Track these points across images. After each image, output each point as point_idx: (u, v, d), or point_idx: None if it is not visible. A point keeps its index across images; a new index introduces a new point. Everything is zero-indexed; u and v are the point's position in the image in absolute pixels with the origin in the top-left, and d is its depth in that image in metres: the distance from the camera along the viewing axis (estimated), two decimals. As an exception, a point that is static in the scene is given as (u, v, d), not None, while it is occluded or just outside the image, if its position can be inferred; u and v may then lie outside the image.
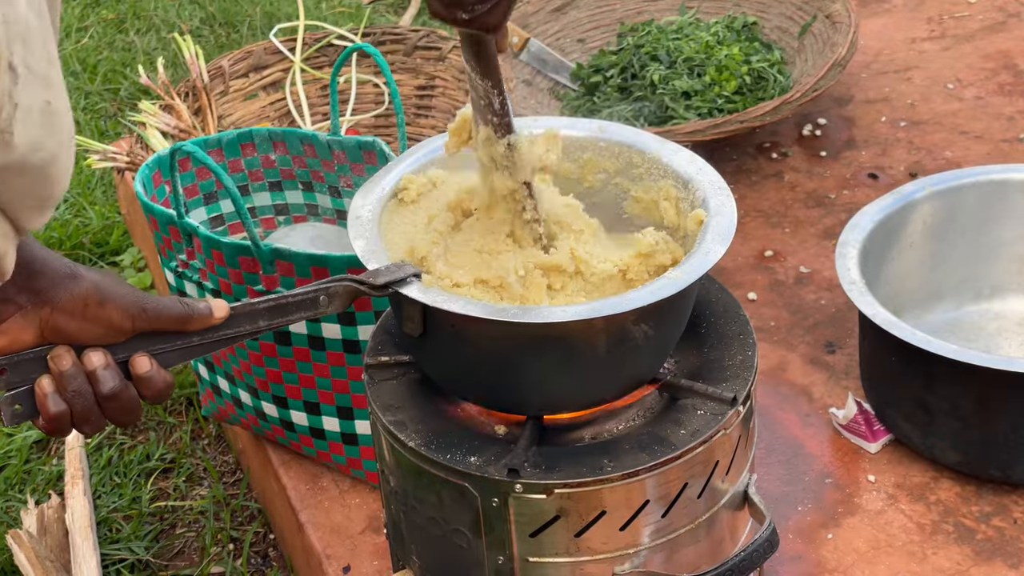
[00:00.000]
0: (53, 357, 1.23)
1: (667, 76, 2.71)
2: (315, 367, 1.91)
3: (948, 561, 1.80)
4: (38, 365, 1.24)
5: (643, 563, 1.44)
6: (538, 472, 1.40)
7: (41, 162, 1.02)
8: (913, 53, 3.07)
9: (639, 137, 1.62)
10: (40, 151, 1.01)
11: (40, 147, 1.01)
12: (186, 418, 2.66)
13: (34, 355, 1.24)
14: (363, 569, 1.91)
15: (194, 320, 1.30)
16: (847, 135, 2.77)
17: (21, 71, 0.97)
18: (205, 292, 1.96)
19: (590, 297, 1.48)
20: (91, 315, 1.24)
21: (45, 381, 1.23)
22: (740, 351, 1.55)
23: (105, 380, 1.23)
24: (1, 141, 0.98)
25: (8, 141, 0.98)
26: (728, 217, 1.46)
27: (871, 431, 1.98)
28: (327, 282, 1.41)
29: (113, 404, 1.24)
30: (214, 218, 2.15)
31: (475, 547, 1.45)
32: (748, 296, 2.32)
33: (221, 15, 4.29)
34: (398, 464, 1.51)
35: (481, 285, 1.48)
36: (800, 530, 1.86)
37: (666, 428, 1.45)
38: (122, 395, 1.24)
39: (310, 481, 2.07)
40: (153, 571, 2.33)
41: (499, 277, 1.47)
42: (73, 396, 1.23)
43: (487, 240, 1.50)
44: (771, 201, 2.59)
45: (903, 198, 2.11)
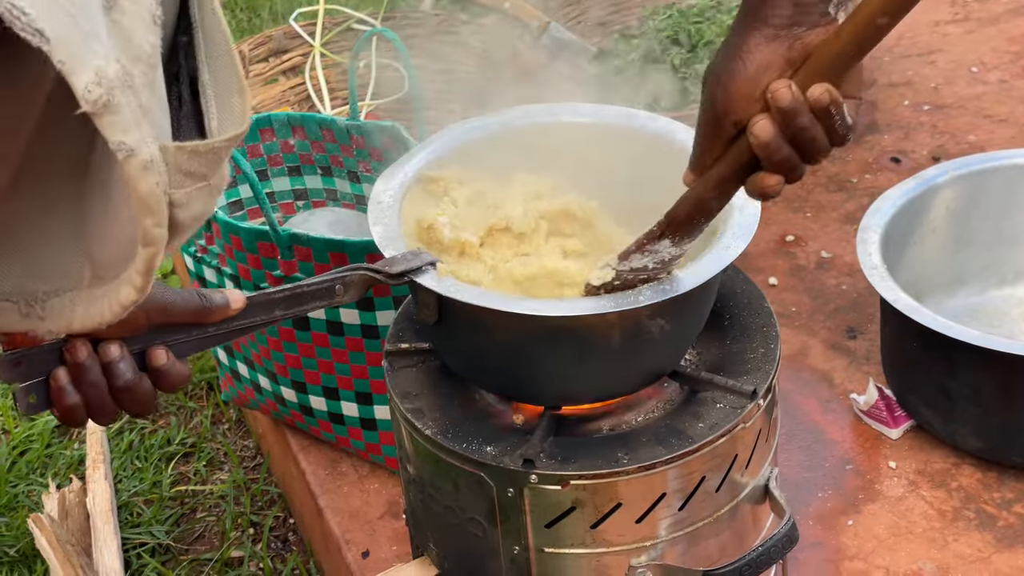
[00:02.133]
0: (69, 349, 1.23)
1: (688, 60, 2.69)
2: (333, 352, 1.91)
3: (969, 548, 1.79)
4: (54, 356, 1.24)
5: (660, 556, 1.43)
6: (554, 463, 1.39)
7: (212, 211, 1.01)
8: (937, 36, 3.04)
9: (668, 126, 1.61)
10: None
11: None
12: (206, 403, 2.67)
13: (50, 347, 1.24)
14: (382, 554, 1.91)
15: (212, 313, 1.30)
16: (869, 119, 2.75)
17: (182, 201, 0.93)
18: (224, 277, 1.96)
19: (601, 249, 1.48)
20: None
21: (60, 373, 1.23)
22: (763, 343, 1.53)
23: (121, 373, 1.23)
24: (219, 188, 0.96)
25: (220, 190, 0.97)
26: (751, 213, 1.45)
27: (892, 417, 1.97)
28: (343, 271, 1.40)
29: (127, 396, 1.24)
30: (233, 203, 2.15)
31: (491, 536, 1.45)
32: (769, 281, 2.31)
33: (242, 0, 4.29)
34: (416, 451, 1.50)
35: (490, 239, 1.48)
36: (820, 516, 1.85)
37: (684, 421, 1.44)
38: (136, 388, 1.24)
39: (329, 466, 2.07)
40: (173, 555, 2.33)
41: (505, 218, 1.47)
42: (88, 388, 1.23)
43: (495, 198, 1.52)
44: (792, 185, 2.56)
45: (926, 182, 2.09)
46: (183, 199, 0.91)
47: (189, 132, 0.98)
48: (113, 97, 0.82)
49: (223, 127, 0.97)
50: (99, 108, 0.81)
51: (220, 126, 0.97)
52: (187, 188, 0.91)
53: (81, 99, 0.80)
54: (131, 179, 0.85)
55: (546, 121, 1.64)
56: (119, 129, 0.83)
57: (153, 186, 0.86)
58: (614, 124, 1.63)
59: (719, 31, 2.74)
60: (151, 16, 0.88)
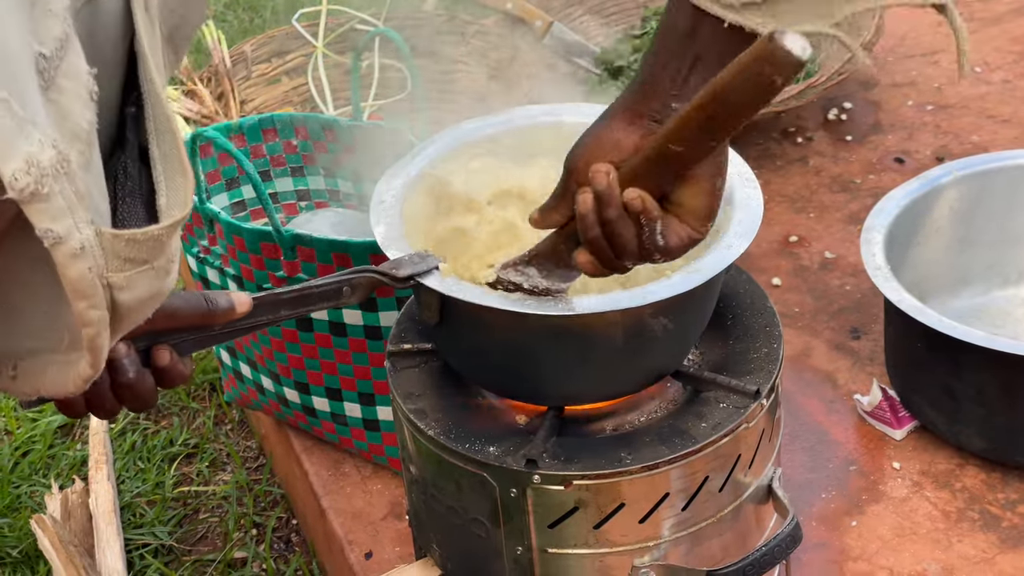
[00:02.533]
0: None
1: (691, 60, 2.69)
2: (337, 353, 1.91)
3: (973, 548, 1.78)
4: None
5: (663, 556, 1.43)
6: (557, 463, 1.39)
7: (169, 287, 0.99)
8: (940, 36, 3.04)
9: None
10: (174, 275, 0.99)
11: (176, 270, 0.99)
12: (209, 403, 2.67)
13: None
14: (384, 555, 1.91)
15: (217, 317, 1.30)
16: (873, 119, 2.75)
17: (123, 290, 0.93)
18: (227, 278, 1.96)
19: None
20: None
21: None
22: (766, 343, 1.53)
23: (123, 370, 1.23)
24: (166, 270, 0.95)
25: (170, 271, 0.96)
26: (753, 212, 1.44)
27: (896, 418, 1.96)
28: (350, 273, 1.40)
29: (128, 392, 1.24)
30: (236, 204, 2.14)
31: (494, 537, 1.44)
32: (772, 281, 2.31)
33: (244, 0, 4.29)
34: (418, 452, 1.50)
35: (499, 200, 1.48)
36: (824, 517, 1.85)
37: (687, 421, 1.43)
38: (138, 385, 1.24)
39: (332, 467, 2.07)
40: (176, 556, 2.33)
41: (519, 183, 1.47)
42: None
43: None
44: (796, 186, 2.57)
45: (929, 183, 2.09)
46: (123, 282, 0.91)
47: (133, 208, 0.98)
48: (43, 185, 0.81)
49: (170, 206, 0.96)
50: (26, 196, 0.81)
51: (168, 204, 0.97)
52: (127, 272, 0.91)
53: (8, 187, 0.80)
54: (60, 265, 0.85)
55: (548, 121, 1.64)
56: (47, 216, 0.83)
57: (84, 271, 0.86)
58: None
59: (722, 31, 2.73)
60: (88, 93, 0.88)
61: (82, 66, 0.89)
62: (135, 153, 0.99)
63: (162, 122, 0.98)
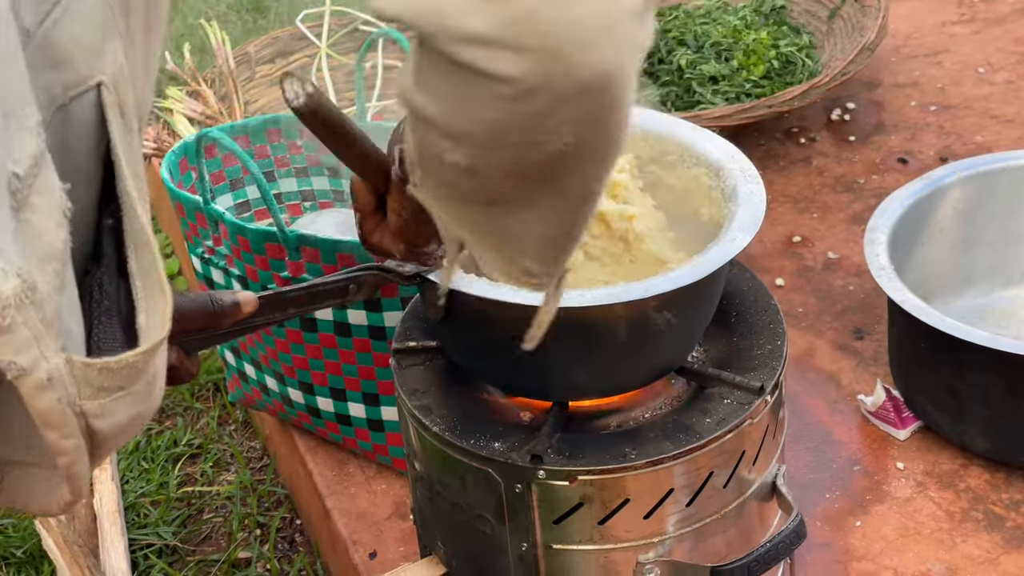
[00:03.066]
0: None
1: (694, 60, 2.69)
2: (341, 353, 1.91)
3: (977, 549, 1.78)
4: None
5: (668, 551, 1.43)
6: (561, 459, 1.39)
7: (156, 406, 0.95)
8: (943, 37, 3.04)
9: (672, 125, 1.61)
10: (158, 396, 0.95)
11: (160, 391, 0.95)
12: (213, 404, 2.67)
13: None
14: (389, 555, 1.91)
15: (223, 317, 1.30)
16: (876, 119, 2.75)
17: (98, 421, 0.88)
18: (231, 278, 1.96)
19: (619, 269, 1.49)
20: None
21: None
22: (770, 340, 1.53)
23: None
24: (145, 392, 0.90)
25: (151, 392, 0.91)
26: (756, 206, 1.45)
27: (900, 418, 1.96)
28: (355, 271, 1.41)
29: None
30: (240, 204, 2.15)
31: (498, 533, 1.45)
32: (776, 282, 2.31)
33: (248, 1, 4.30)
34: (423, 449, 1.50)
35: None
36: (828, 517, 1.85)
37: (692, 417, 1.44)
38: None
39: (336, 467, 2.07)
40: (181, 556, 2.33)
41: None
42: None
43: None
44: (799, 186, 2.57)
45: (933, 183, 2.09)
46: (98, 410, 0.86)
47: (109, 328, 0.93)
48: (5, 318, 0.78)
49: (149, 327, 0.91)
50: None
51: (147, 324, 0.91)
52: (102, 400, 0.86)
53: None
54: (26, 396, 0.81)
55: None
56: (10, 349, 0.79)
57: (53, 402, 0.82)
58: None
59: (725, 32, 2.74)
60: (62, 211, 0.84)
61: (55, 182, 0.84)
62: (112, 267, 0.94)
63: (139, 236, 0.92)
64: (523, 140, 0.89)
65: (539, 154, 0.91)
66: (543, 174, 0.93)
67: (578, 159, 0.92)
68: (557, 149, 0.90)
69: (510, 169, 0.93)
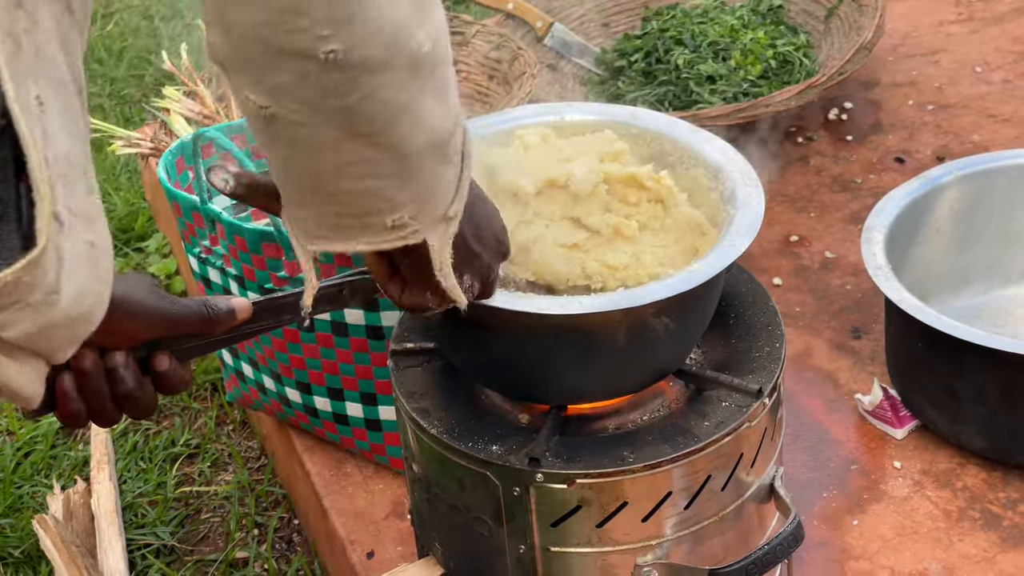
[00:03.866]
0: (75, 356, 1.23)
1: (692, 60, 2.69)
2: (338, 353, 1.91)
3: (974, 548, 1.78)
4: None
5: (666, 554, 1.44)
6: (559, 462, 1.39)
7: (86, 308, 0.97)
8: (940, 36, 3.04)
9: (671, 125, 1.61)
10: (86, 297, 0.96)
11: (85, 294, 0.96)
12: (211, 404, 2.67)
13: None
14: (386, 555, 1.91)
15: (217, 323, 1.29)
16: (873, 119, 2.75)
17: (65, 218, 0.91)
18: (228, 278, 1.96)
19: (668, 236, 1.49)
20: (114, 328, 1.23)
21: (66, 379, 1.22)
22: (768, 342, 1.53)
23: (124, 380, 1.23)
24: (47, 302, 0.92)
25: (55, 301, 0.92)
26: (755, 210, 1.45)
27: (897, 417, 1.97)
28: (350, 275, 1.40)
29: (128, 402, 1.24)
30: (237, 204, 2.14)
31: (496, 536, 1.45)
32: (773, 281, 2.31)
33: (246, 0, 4.29)
34: (421, 451, 1.50)
35: (547, 192, 1.48)
36: (825, 516, 1.85)
37: (690, 420, 1.44)
38: (136, 393, 1.24)
39: (334, 467, 2.07)
40: (178, 556, 2.33)
41: (566, 176, 1.47)
42: (91, 395, 1.23)
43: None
44: (797, 186, 2.57)
45: (930, 182, 2.09)
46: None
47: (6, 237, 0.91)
48: None
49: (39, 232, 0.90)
50: None
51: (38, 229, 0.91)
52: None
53: None
54: None
55: (550, 120, 1.64)
56: None
57: None
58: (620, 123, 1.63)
59: (722, 31, 2.74)
60: None
61: None
62: (10, 172, 0.91)
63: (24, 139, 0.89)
64: None
65: None
66: None
67: None
68: None
69: None
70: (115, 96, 3.83)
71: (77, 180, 0.94)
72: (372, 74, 1.00)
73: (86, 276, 0.96)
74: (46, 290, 0.91)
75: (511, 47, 2.62)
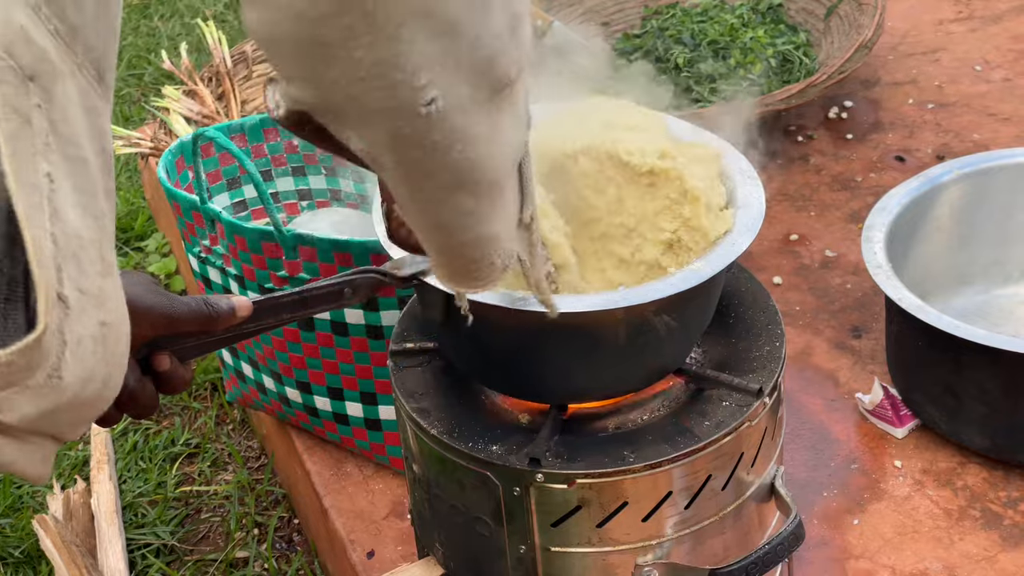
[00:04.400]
0: None
1: (692, 59, 2.69)
2: (338, 353, 1.91)
3: (975, 547, 1.78)
4: None
5: (666, 554, 1.43)
6: (560, 462, 1.39)
7: (94, 392, 0.93)
8: (940, 35, 3.04)
9: (672, 123, 1.61)
10: (93, 381, 0.92)
11: (92, 377, 0.92)
12: (211, 403, 2.67)
13: None
14: (386, 554, 1.91)
15: (218, 322, 1.29)
16: (873, 118, 2.75)
17: (73, 299, 0.87)
18: (228, 277, 1.96)
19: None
20: None
21: None
22: (768, 341, 1.53)
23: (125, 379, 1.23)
24: (49, 386, 0.88)
25: (57, 385, 0.89)
26: (755, 209, 1.45)
27: (897, 416, 1.96)
28: (351, 274, 1.40)
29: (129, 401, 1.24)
30: (237, 203, 2.15)
31: (497, 536, 1.44)
32: (773, 280, 2.31)
33: None
34: (421, 451, 1.50)
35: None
36: (826, 516, 1.85)
37: (690, 419, 1.43)
38: (138, 393, 1.23)
39: (334, 466, 2.07)
40: (178, 556, 2.33)
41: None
42: None
43: None
44: (797, 184, 2.57)
45: (930, 181, 2.09)
46: None
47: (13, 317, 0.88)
48: None
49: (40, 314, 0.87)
50: None
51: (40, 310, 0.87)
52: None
53: None
54: None
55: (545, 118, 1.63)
56: None
57: None
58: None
59: (722, 30, 2.74)
60: None
61: None
62: (19, 251, 0.87)
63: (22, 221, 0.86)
64: None
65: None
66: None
67: None
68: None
69: None
70: (115, 95, 3.82)
71: (91, 260, 0.90)
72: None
73: (94, 359, 0.92)
74: (47, 373, 0.88)
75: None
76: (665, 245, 1.45)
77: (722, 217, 1.46)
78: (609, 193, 1.47)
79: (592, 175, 1.47)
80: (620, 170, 1.46)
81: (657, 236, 1.45)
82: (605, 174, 1.47)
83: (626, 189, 1.46)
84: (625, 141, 1.46)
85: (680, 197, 1.44)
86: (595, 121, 1.50)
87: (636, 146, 1.45)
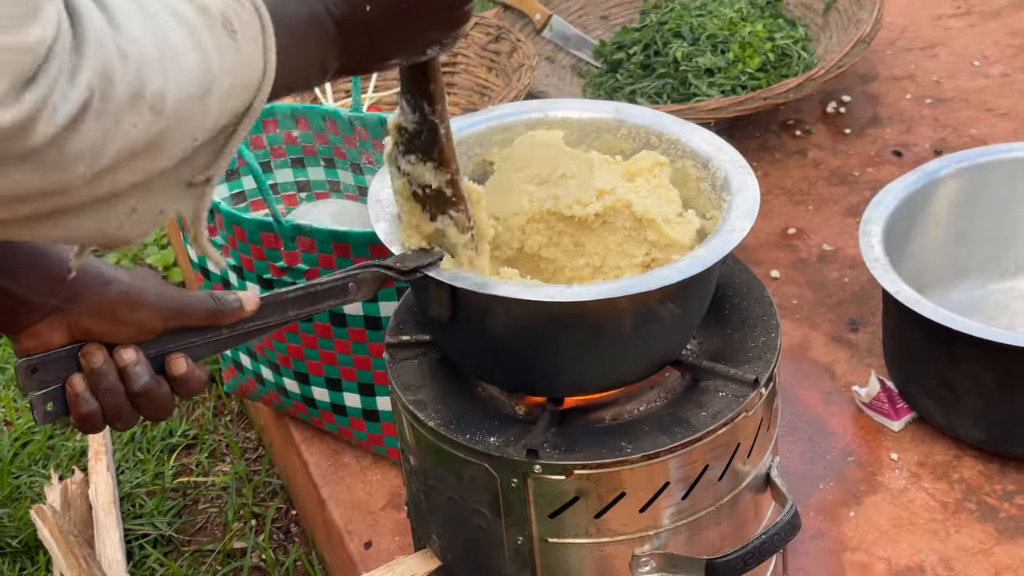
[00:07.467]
0: (84, 354, 1.23)
1: (690, 53, 2.69)
2: (337, 343, 1.91)
3: (971, 539, 1.79)
4: (70, 363, 1.23)
5: (663, 545, 1.44)
6: (557, 453, 1.39)
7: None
8: (939, 30, 3.04)
9: (656, 118, 1.61)
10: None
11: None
12: (208, 394, 2.67)
13: (66, 353, 1.23)
14: (384, 545, 1.91)
15: (225, 315, 1.29)
16: (871, 112, 2.75)
17: (160, 105, 0.93)
18: (227, 268, 1.96)
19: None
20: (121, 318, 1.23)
21: (76, 379, 1.22)
22: (763, 332, 1.54)
23: (137, 377, 1.23)
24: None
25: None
26: (751, 194, 1.45)
27: (894, 409, 1.97)
28: (355, 269, 1.40)
29: (145, 400, 1.23)
30: (236, 195, 2.15)
31: (494, 527, 1.45)
32: (771, 274, 2.31)
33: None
34: (418, 443, 1.50)
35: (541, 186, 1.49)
36: (822, 508, 1.86)
37: (687, 410, 1.44)
38: (153, 391, 1.23)
39: (332, 457, 2.07)
40: (176, 546, 2.34)
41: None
42: (104, 393, 1.22)
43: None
44: (794, 179, 2.57)
45: (928, 175, 2.09)
46: None
47: None
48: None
49: None
50: None
51: None
52: None
53: None
54: None
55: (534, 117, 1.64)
56: None
57: None
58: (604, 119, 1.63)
59: (721, 24, 2.74)
60: None
61: None
62: None
63: None
64: None
65: None
66: None
67: None
68: None
69: None
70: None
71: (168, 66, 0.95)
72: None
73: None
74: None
75: (510, 39, 2.62)
76: (642, 268, 1.46)
77: (686, 220, 1.48)
78: (564, 243, 1.49)
79: (545, 234, 1.49)
80: (568, 223, 1.48)
81: (631, 262, 1.47)
82: (556, 229, 1.49)
83: (581, 234, 1.48)
84: (561, 196, 1.48)
85: (636, 224, 1.46)
86: (530, 182, 1.52)
87: (572, 199, 1.47)
